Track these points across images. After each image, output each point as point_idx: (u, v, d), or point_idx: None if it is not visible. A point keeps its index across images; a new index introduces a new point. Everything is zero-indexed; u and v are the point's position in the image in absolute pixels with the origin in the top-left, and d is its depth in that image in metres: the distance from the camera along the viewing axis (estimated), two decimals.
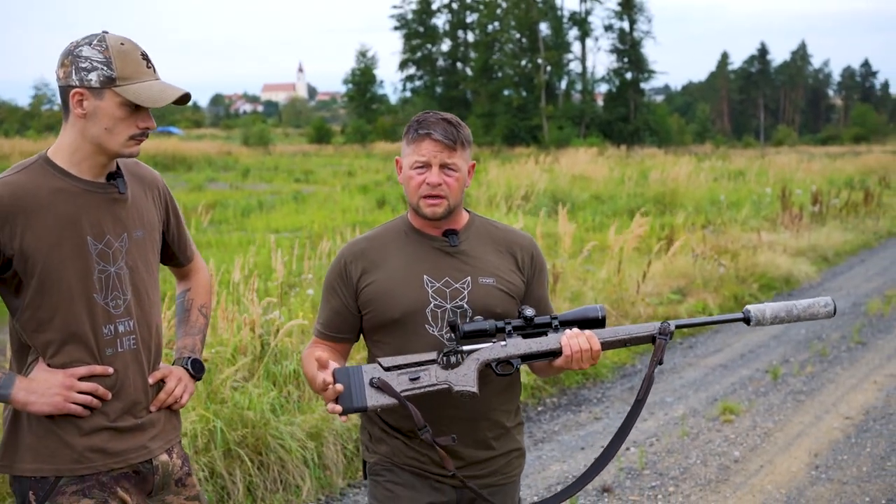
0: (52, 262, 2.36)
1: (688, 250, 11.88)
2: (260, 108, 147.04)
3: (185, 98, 2.42)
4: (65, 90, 2.37)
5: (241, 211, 18.29)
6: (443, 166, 2.55)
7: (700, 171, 26.56)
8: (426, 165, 2.55)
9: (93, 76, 2.33)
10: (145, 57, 2.41)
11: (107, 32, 2.39)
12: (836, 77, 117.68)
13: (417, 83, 71.69)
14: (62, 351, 2.40)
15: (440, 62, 71.33)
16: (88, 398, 2.40)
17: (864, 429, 6.40)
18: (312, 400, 5.75)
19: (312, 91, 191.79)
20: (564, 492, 2.65)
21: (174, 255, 2.79)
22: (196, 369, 2.70)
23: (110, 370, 2.44)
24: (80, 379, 2.40)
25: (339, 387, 2.41)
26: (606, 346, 2.55)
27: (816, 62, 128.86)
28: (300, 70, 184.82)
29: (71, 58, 2.35)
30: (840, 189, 21.67)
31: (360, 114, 70.70)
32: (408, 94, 72.31)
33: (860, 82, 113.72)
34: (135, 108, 2.38)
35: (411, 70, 71.58)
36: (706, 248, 12.11)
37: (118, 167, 2.52)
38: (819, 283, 12.73)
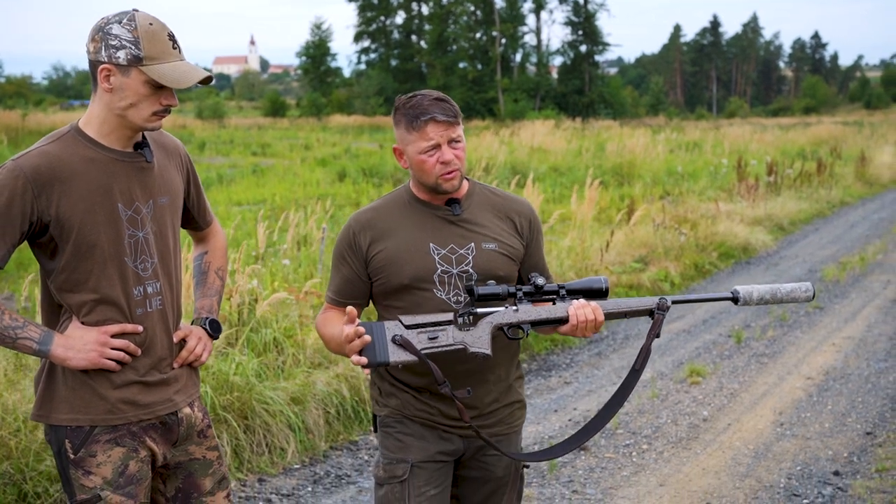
0: (86, 227, 2.48)
1: (649, 220, 12.09)
2: (213, 77, 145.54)
3: (208, 80, 2.53)
4: (94, 65, 2.47)
5: (202, 184, 18.22)
6: (450, 142, 2.66)
7: (656, 142, 26.88)
8: (436, 147, 2.66)
9: (121, 54, 2.43)
10: (172, 38, 2.50)
11: (137, 11, 2.48)
12: (787, 49, 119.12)
13: (372, 56, 71.49)
14: (95, 310, 2.52)
15: (395, 35, 71.14)
16: (121, 354, 2.52)
17: (825, 388, 6.64)
18: (294, 366, 5.86)
19: (265, 64, 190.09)
20: (560, 447, 2.81)
21: (193, 219, 2.90)
22: (214, 329, 2.83)
23: (140, 328, 2.57)
24: (113, 336, 2.52)
25: (368, 337, 2.53)
26: (609, 316, 2.71)
27: (767, 34, 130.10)
28: (252, 43, 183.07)
29: (101, 34, 2.45)
30: (793, 160, 22.08)
31: (314, 87, 70.29)
32: (363, 66, 72.05)
33: (810, 54, 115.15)
34: (159, 87, 2.48)
35: (366, 43, 71.34)
36: (666, 217, 12.34)
37: (144, 137, 2.63)
38: (776, 251, 13.03)
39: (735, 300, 2.80)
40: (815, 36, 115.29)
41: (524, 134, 29.28)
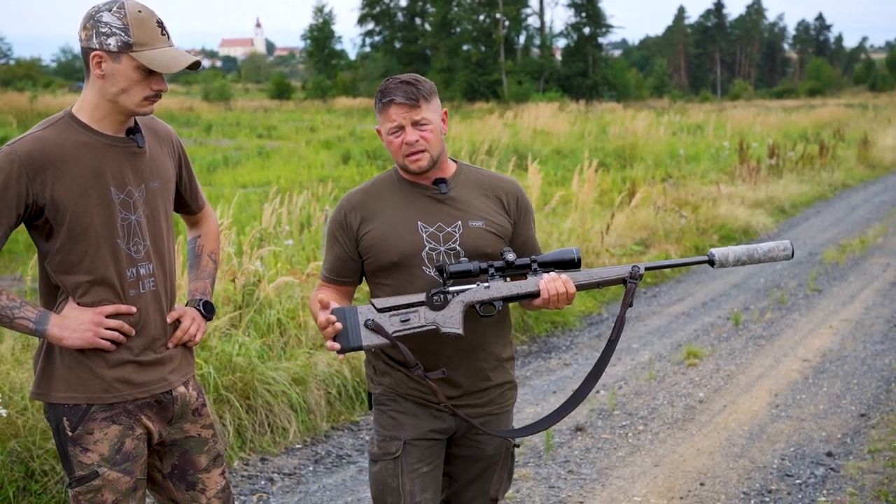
0: (79, 210, 2.55)
1: (650, 203, 12.15)
2: (218, 64, 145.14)
3: (196, 64, 2.60)
4: (86, 52, 2.54)
5: (207, 166, 18.30)
6: (414, 124, 2.74)
7: (659, 125, 26.87)
8: (400, 128, 2.74)
9: (111, 41, 2.51)
10: (160, 24, 2.58)
11: None
12: (791, 31, 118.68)
13: (376, 38, 71.31)
14: (90, 292, 2.60)
15: (399, 17, 70.93)
16: (115, 334, 2.60)
17: (821, 370, 6.72)
18: (296, 347, 5.95)
19: (271, 46, 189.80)
20: (542, 422, 2.92)
21: (186, 203, 2.97)
22: (207, 310, 2.91)
23: (134, 309, 2.64)
24: (108, 317, 2.60)
25: (339, 325, 2.64)
26: (581, 287, 2.76)
27: (771, 16, 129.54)
28: (258, 25, 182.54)
29: (92, 22, 2.52)
30: (796, 142, 22.07)
31: (319, 69, 70.16)
32: (367, 49, 71.91)
33: (815, 36, 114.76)
34: (149, 72, 2.55)
35: (370, 25, 71.15)
36: (667, 200, 12.40)
37: (136, 123, 2.70)
38: (776, 233, 13.08)
39: (711, 262, 2.84)
40: (820, 17, 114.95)
41: (527, 116, 29.26)
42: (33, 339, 5.26)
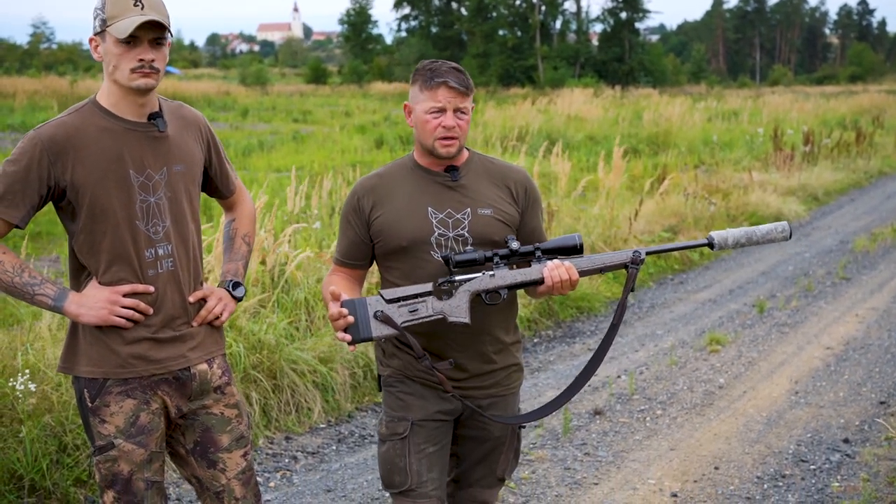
0: (98, 192, 2.69)
1: (680, 189, 12.16)
2: (256, 48, 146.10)
3: (152, 24, 2.62)
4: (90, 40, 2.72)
5: (242, 150, 18.48)
6: (456, 110, 2.83)
7: (694, 111, 26.74)
8: (442, 111, 2.82)
9: (97, 23, 2.66)
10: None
11: None
12: (833, 15, 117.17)
13: (413, 23, 71.28)
14: (110, 271, 2.73)
15: (435, 2, 70.81)
16: (130, 312, 2.73)
17: (844, 358, 6.75)
18: (322, 327, 6.08)
19: (308, 31, 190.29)
20: (546, 407, 2.98)
21: (217, 187, 3.09)
22: (236, 291, 3.02)
23: (151, 289, 2.77)
24: (125, 296, 2.73)
25: (351, 318, 2.73)
26: (584, 273, 2.85)
27: (812, 0, 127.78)
28: (295, 10, 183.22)
29: (94, 11, 2.68)
30: (832, 129, 21.89)
31: (355, 54, 70.38)
32: (403, 34, 71.94)
33: (857, 20, 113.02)
34: (128, 43, 2.63)
35: (406, 10, 71.13)
36: (698, 187, 12.39)
37: (160, 108, 2.82)
38: (808, 221, 13.05)
39: (710, 245, 2.92)
40: (863, 2, 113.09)
41: (562, 102, 29.22)
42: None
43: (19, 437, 4.30)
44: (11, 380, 4.45)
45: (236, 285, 3.03)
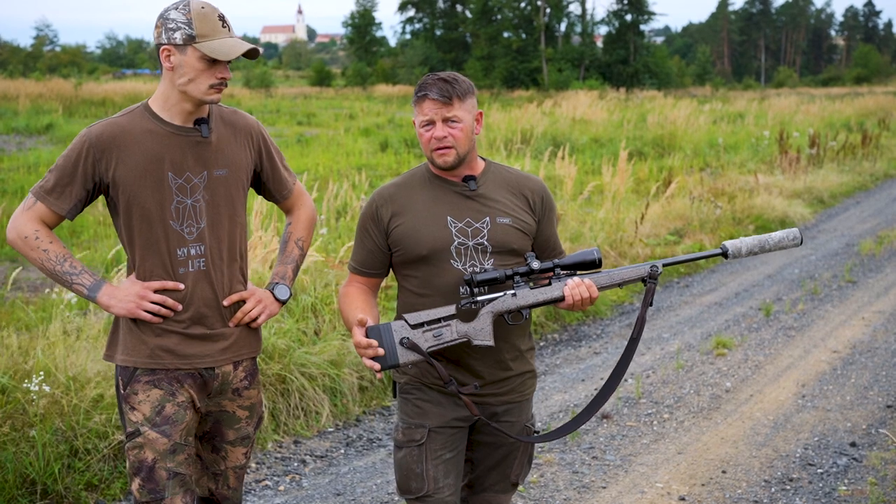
0: (136, 191, 2.83)
1: (686, 193, 12.18)
2: (260, 51, 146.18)
3: (254, 52, 2.87)
4: (158, 48, 2.84)
5: None
6: (445, 120, 2.86)
7: (700, 113, 26.75)
8: (431, 123, 2.88)
9: (178, 35, 2.78)
10: (222, 18, 2.83)
11: None
12: (839, 17, 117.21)
13: (417, 26, 71.40)
14: (144, 266, 2.88)
15: (440, 4, 70.97)
16: (157, 307, 2.84)
17: (850, 361, 6.76)
18: (329, 332, 6.10)
19: (312, 33, 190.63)
20: (570, 425, 3.02)
21: (270, 192, 3.18)
22: (280, 293, 3.10)
23: (181, 286, 2.88)
24: (155, 291, 2.85)
25: (381, 350, 2.76)
26: (603, 289, 2.90)
27: (818, 1, 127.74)
28: (299, 12, 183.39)
29: (161, 20, 2.81)
30: (838, 131, 21.89)
31: (360, 56, 70.54)
32: (407, 36, 72.04)
33: (863, 22, 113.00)
34: (212, 62, 2.80)
35: (410, 12, 71.26)
36: (703, 190, 12.41)
37: (209, 114, 2.93)
38: (814, 224, 13.05)
39: (724, 254, 2.96)
40: (869, 3, 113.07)
41: (566, 105, 29.24)
42: (80, 320, 5.52)
43: (31, 442, 4.33)
44: (25, 381, 4.48)
45: (280, 288, 3.10)
